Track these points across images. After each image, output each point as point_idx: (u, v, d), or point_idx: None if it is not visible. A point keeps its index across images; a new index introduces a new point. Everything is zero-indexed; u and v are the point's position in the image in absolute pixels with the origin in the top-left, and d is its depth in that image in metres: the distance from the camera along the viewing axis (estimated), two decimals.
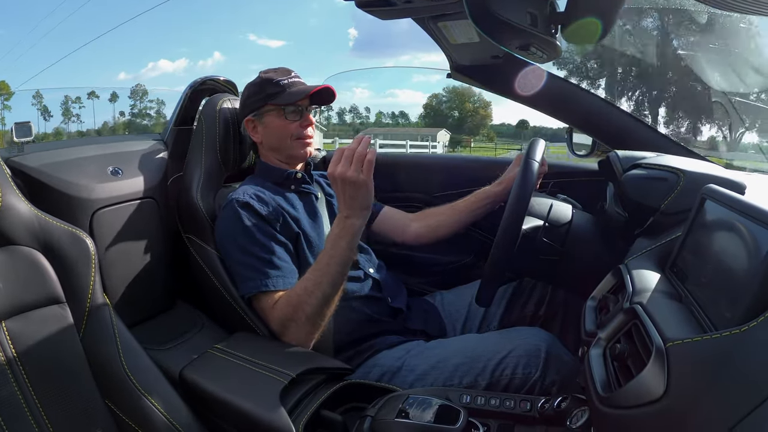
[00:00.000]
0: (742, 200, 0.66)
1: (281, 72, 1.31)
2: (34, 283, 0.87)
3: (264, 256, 1.14)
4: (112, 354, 0.90)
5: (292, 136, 1.29)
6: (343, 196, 1.04)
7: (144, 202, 1.28)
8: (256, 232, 1.16)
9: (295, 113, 1.28)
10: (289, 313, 1.09)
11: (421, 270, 1.75)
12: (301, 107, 1.29)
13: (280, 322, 1.10)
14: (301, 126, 1.30)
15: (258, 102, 1.29)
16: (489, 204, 1.42)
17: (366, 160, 1.01)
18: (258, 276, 1.13)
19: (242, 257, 1.15)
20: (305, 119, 1.30)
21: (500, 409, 0.89)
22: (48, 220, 0.91)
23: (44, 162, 1.16)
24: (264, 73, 1.31)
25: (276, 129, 1.29)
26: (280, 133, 1.29)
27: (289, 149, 1.31)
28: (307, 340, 1.10)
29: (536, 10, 0.69)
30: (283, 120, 1.28)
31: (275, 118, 1.29)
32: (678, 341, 0.56)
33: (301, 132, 1.30)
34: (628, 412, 0.58)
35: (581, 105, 1.46)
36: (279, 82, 1.27)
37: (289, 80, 1.28)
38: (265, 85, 1.28)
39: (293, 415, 0.89)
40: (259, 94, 1.29)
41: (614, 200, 1.10)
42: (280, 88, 1.27)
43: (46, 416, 0.82)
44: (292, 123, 1.28)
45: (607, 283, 0.91)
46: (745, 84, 1.66)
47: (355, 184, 1.02)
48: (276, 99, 1.26)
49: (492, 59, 1.40)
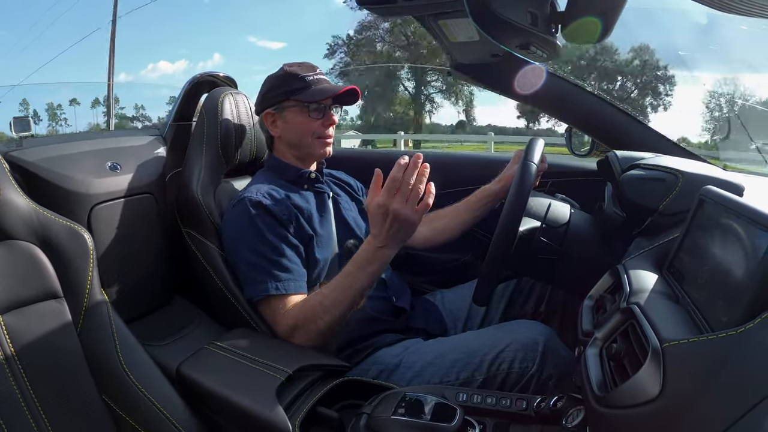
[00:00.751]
0: (740, 202, 0.66)
1: (306, 67, 1.29)
2: (32, 277, 0.87)
3: (274, 258, 1.13)
4: (109, 349, 0.90)
5: (314, 135, 1.28)
6: (385, 228, 0.98)
7: (142, 198, 1.28)
8: (268, 233, 1.14)
9: (318, 111, 1.27)
10: (299, 322, 1.08)
11: (420, 268, 1.75)
12: (324, 106, 1.28)
13: (289, 329, 1.09)
14: (323, 125, 1.29)
15: (280, 96, 1.27)
16: (489, 202, 1.42)
17: (423, 203, 0.96)
18: (267, 279, 1.11)
19: (251, 258, 1.14)
20: (328, 118, 1.29)
21: (496, 408, 0.89)
22: (46, 215, 0.91)
23: (42, 157, 1.16)
24: (288, 67, 1.29)
25: (297, 125, 1.28)
26: (301, 130, 1.28)
27: (309, 147, 1.30)
28: (311, 346, 1.09)
29: (537, 9, 0.69)
30: (305, 117, 1.27)
31: (297, 114, 1.27)
32: (674, 342, 0.56)
33: (323, 131, 1.29)
34: (624, 412, 0.58)
35: (581, 104, 1.46)
36: (304, 77, 1.26)
37: (315, 77, 1.27)
38: (289, 80, 1.27)
39: (290, 412, 0.89)
40: (281, 87, 1.27)
41: (612, 200, 1.10)
42: (305, 84, 1.25)
43: (43, 411, 0.82)
44: (315, 121, 1.27)
45: (605, 282, 0.91)
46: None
47: (406, 222, 0.97)
48: (300, 95, 1.25)
49: (492, 58, 1.40)
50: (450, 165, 1.83)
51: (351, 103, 1.34)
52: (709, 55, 2.30)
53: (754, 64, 1.74)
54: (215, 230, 1.23)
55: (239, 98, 1.39)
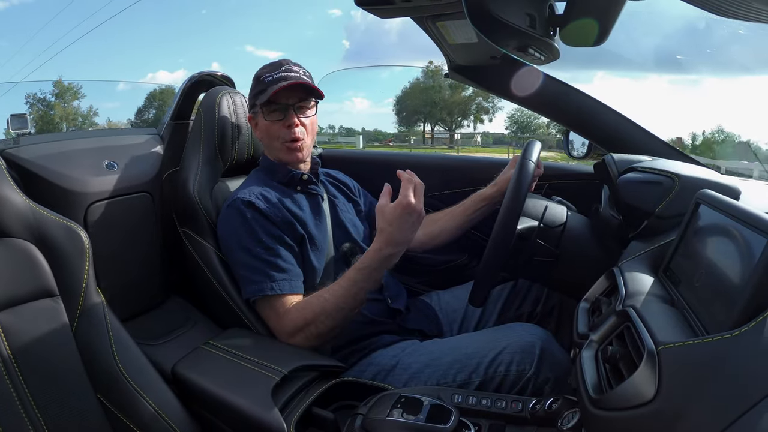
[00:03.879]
0: (737, 205, 0.66)
1: (271, 67, 1.26)
2: (28, 275, 0.86)
3: (269, 258, 1.12)
4: (104, 348, 0.90)
5: (279, 139, 1.25)
6: (400, 226, 1.03)
7: (139, 196, 1.28)
8: (261, 234, 1.14)
9: (276, 113, 1.23)
10: (300, 324, 1.08)
11: (416, 270, 1.75)
12: (283, 105, 1.22)
13: (288, 331, 1.10)
14: (284, 127, 1.23)
15: (251, 100, 1.27)
16: (485, 207, 1.42)
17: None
18: (263, 279, 1.11)
19: (246, 259, 1.13)
20: (287, 118, 1.23)
21: (492, 410, 0.89)
22: (43, 213, 0.90)
23: (40, 154, 1.16)
24: (259, 69, 1.28)
25: (263, 130, 1.27)
26: (266, 133, 1.27)
27: (278, 152, 1.27)
28: (309, 347, 1.10)
29: (535, 12, 0.69)
30: (265, 121, 1.25)
31: (261, 118, 1.26)
32: (670, 345, 0.56)
33: (286, 134, 1.24)
34: (619, 414, 0.58)
35: (578, 107, 1.46)
36: (264, 79, 1.23)
37: (275, 75, 1.22)
38: (255, 83, 1.26)
39: (285, 412, 0.89)
40: (252, 91, 1.27)
41: (609, 203, 1.11)
42: (263, 86, 1.22)
43: (37, 410, 0.82)
44: (275, 123, 1.24)
45: (600, 285, 0.91)
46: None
47: (420, 216, 1.04)
48: (259, 98, 1.22)
49: (490, 60, 1.41)
50: (446, 167, 1.83)
51: (319, 97, 1.27)
52: (706, 58, 2.32)
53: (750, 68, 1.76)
54: (212, 230, 1.23)
55: (237, 98, 1.39)
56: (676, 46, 1.62)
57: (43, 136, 1.32)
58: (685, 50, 1.59)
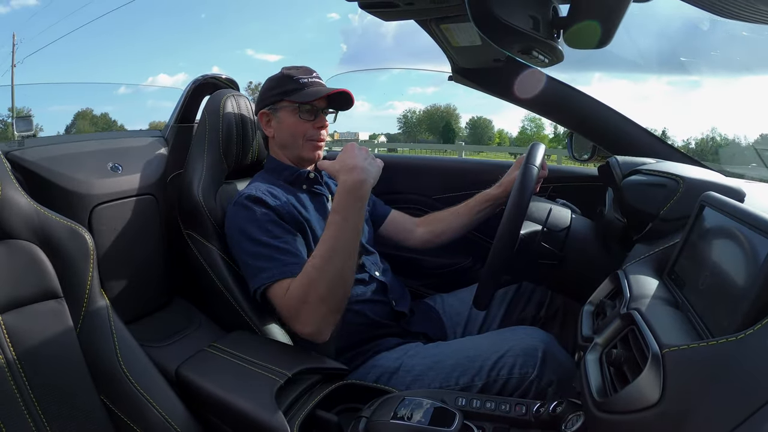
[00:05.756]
0: (741, 208, 0.66)
1: (303, 70, 1.30)
2: (32, 277, 0.86)
3: (279, 245, 1.11)
4: (108, 350, 0.90)
5: (305, 137, 1.29)
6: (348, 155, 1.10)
7: (143, 199, 1.28)
8: (270, 224, 1.13)
9: (309, 113, 1.27)
10: (298, 295, 1.04)
11: (419, 272, 1.75)
12: (317, 108, 1.28)
13: (291, 307, 1.06)
14: (314, 127, 1.29)
15: (275, 97, 1.28)
16: (489, 207, 1.42)
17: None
18: (274, 265, 1.09)
19: (256, 248, 1.12)
20: (319, 120, 1.29)
21: (495, 413, 0.88)
22: (47, 215, 0.91)
23: (44, 156, 1.16)
24: (286, 69, 1.31)
25: (289, 126, 1.29)
26: (292, 131, 1.29)
27: (299, 149, 1.30)
28: (324, 326, 1.06)
29: (538, 14, 0.69)
30: (297, 118, 1.27)
31: (289, 115, 1.28)
32: (674, 347, 0.56)
33: (314, 134, 1.29)
34: (623, 418, 0.58)
35: (582, 109, 1.46)
36: (299, 79, 1.26)
37: (309, 79, 1.27)
38: (284, 81, 1.28)
39: (289, 415, 0.89)
40: (276, 88, 1.28)
41: (613, 206, 1.10)
42: (298, 85, 1.26)
43: (41, 411, 0.82)
44: (306, 122, 1.28)
45: (605, 288, 0.91)
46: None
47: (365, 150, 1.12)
48: (292, 96, 1.26)
49: (494, 62, 1.41)
50: (451, 170, 1.83)
51: (346, 108, 1.34)
52: (710, 60, 2.31)
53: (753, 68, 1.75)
54: (216, 232, 1.23)
55: (241, 100, 1.39)
56: (677, 47, 1.61)
57: (48, 138, 1.32)
58: (686, 51, 1.58)
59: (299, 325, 1.06)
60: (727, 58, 1.45)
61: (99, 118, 23.25)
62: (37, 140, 1.26)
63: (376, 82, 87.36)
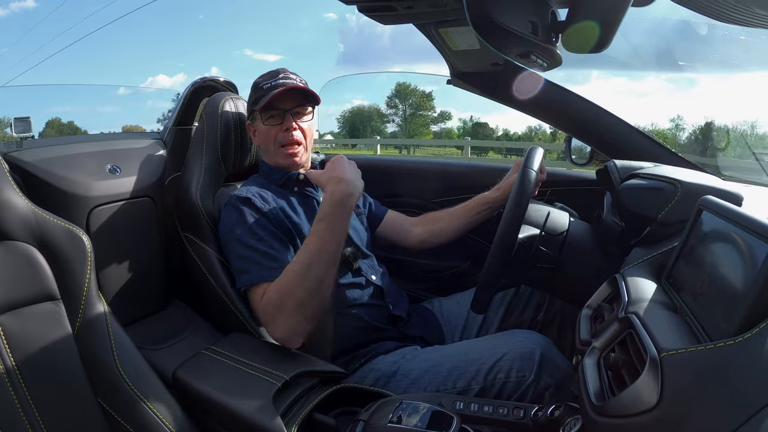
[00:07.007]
0: (739, 212, 0.66)
1: (269, 75, 1.29)
2: (29, 279, 0.86)
3: (262, 248, 1.12)
4: (105, 353, 0.90)
5: (276, 142, 1.27)
6: (336, 167, 1.11)
7: (141, 201, 1.28)
8: (256, 227, 1.14)
9: (274, 117, 1.26)
10: (276, 299, 1.04)
11: (417, 276, 1.75)
12: (281, 110, 1.25)
13: (267, 311, 1.06)
14: (282, 131, 1.26)
15: (250, 107, 1.30)
16: (487, 210, 1.42)
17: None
18: (255, 268, 1.10)
19: (241, 250, 1.13)
20: (286, 122, 1.26)
21: (493, 416, 0.88)
22: (45, 217, 0.91)
23: (42, 158, 1.16)
24: (259, 77, 1.30)
25: (261, 134, 1.29)
26: (263, 138, 1.29)
27: (274, 156, 1.29)
28: (295, 334, 1.05)
29: (537, 18, 0.69)
30: (263, 126, 1.27)
31: (260, 123, 1.28)
32: (672, 351, 0.56)
33: (284, 137, 1.26)
34: (621, 422, 0.58)
35: (581, 113, 1.46)
36: (263, 86, 1.26)
37: (273, 83, 1.25)
38: (253, 91, 1.29)
39: (286, 418, 0.88)
40: (250, 99, 1.30)
41: (611, 209, 1.10)
42: (262, 92, 1.25)
43: (38, 413, 0.81)
44: (273, 127, 1.26)
45: (603, 292, 0.91)
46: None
47: (351, 162, 1.13)
48: (257, 104, 1.25)
49: (492, 66, 1.41)
50: (449, 173, 1.83)
51: (316, 103, 1.31)
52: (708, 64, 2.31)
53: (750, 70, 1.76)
54: (213, 234, 1.23)
55: (239, 103, 1.39)
56: (675, 47, 1.61)
57: (46, 140, 1.32)
58: (684, 53, 1.58)
59: (272, 328, 1.07)
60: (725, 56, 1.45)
61: (65, 125, 23.43)
62: (35, 142, 1.26)
63: (375, 82, 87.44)
